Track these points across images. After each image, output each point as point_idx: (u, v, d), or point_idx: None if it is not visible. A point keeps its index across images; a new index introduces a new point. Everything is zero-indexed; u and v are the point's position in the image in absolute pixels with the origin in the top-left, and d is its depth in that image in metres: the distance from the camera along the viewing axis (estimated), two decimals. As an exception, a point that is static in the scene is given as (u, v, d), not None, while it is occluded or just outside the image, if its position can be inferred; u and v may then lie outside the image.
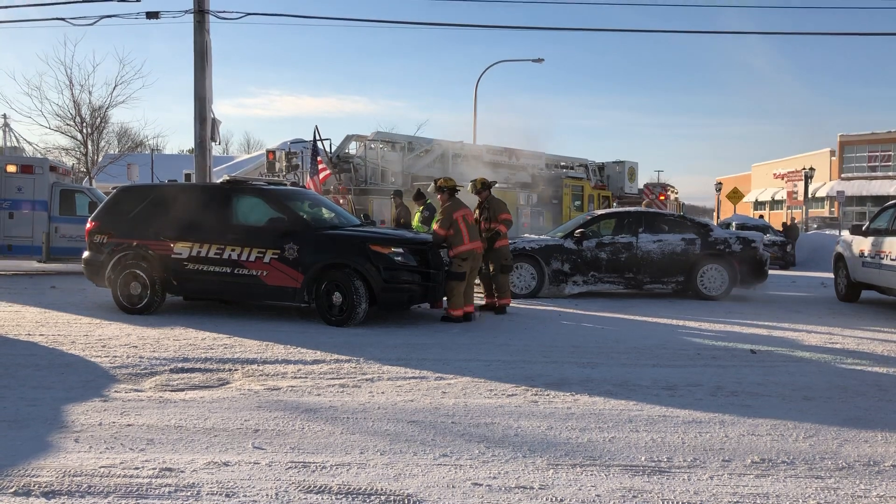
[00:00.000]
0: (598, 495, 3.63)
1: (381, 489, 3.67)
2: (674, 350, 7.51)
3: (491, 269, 10.20)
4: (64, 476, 3.80)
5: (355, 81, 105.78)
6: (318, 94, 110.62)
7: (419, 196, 12.80)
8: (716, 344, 7.92)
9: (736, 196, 36.12)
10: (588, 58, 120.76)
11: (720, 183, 46.32)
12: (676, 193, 33.96)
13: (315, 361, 6.68)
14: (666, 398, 5.53)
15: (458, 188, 9.80)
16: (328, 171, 18.44)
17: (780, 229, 26.14)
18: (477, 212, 10.25)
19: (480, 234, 9.84)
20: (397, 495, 3.60)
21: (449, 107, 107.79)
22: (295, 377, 6.11)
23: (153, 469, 3.91)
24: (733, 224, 23.02)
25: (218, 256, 9.17)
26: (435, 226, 9.44)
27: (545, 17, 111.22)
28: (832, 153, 50.70)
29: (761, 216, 35.24)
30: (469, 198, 10.41)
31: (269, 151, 22.23)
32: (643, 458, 4.17)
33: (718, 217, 43.35)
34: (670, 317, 10.02)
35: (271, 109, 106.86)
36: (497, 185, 21.56)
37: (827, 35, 36.58)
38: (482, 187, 10.35)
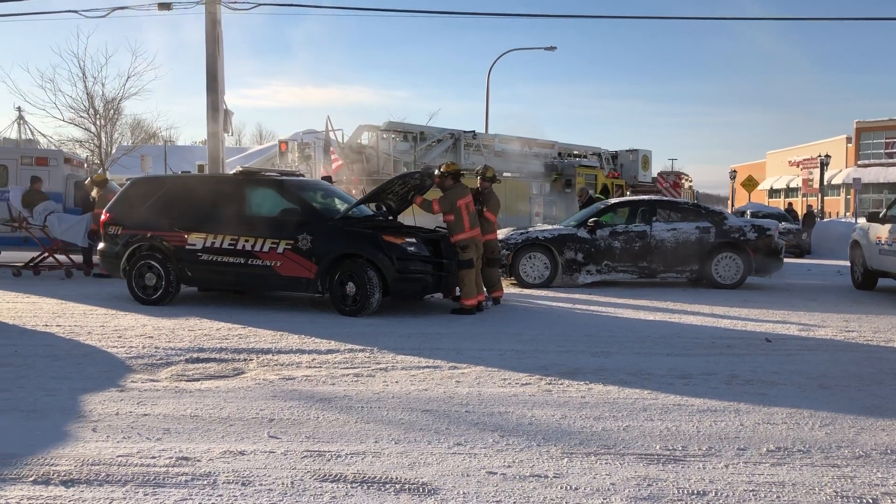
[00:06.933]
0: (612, 484, 3.63)
1: (396, 477, 3.69)
2: (688, 339, 7.48)
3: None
4: (82, 465, 3.85)
5: (361, 71, 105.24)
6: (322, 85, 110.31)
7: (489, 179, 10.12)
8: (731, 332, 7.88)
9: (751, 184, 35.79)
10: (601, 46, 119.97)
11: (734, 171, 45.92)
12: (690, 182, 33.72)
13: (329, 351, 6.71)
14: (680, 387, 5.51)
15: (462, 173, 9.68)
16: (340, 162, 18.46)
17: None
18: (471, 197, 9.99)
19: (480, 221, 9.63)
20: (412, 484, 3.62)
21: (459, 96, 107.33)
22: (309, 367, 6.14)
23: (170, 458, 3.94)
24: (748, 212, 22.87)
25: (232, 247, 9.22)
26: (435, 206, 9.22)
27: (557, 5, 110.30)
28: (848, 140, 50.04)
29: (790, 203, 34.86)
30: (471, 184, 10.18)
31: (281, 142, 22.29)
32: (658, 447, 4.16)
33: (733, 205, 42.99)
34: (684, 306, 9.98)
35: (276, 100, 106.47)
36: (510, 175, 21.64)
37: (843, 20, 36.12)
38: (484, 178, 10.00)
